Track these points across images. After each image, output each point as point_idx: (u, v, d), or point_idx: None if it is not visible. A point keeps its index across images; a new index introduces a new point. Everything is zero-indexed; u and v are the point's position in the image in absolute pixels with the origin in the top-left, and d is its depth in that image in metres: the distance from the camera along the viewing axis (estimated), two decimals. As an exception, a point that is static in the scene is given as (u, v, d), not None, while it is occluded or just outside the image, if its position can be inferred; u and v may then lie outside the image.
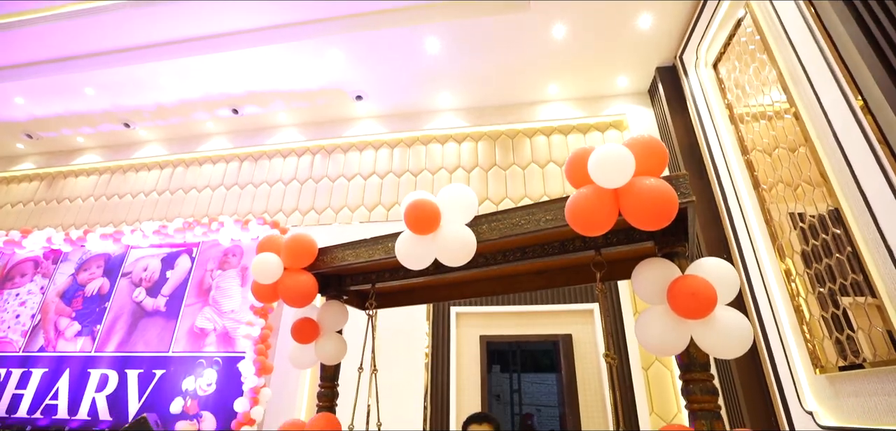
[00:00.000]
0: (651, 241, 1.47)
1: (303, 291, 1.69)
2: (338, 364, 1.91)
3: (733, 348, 1.20)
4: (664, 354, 1.28)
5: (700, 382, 1.26)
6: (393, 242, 1.57)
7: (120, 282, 5.51)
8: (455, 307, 4.93)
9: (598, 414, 4.40)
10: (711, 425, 1.21)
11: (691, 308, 1.17)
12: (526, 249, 1.63)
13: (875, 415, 2.74)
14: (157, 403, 4.57)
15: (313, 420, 1.75)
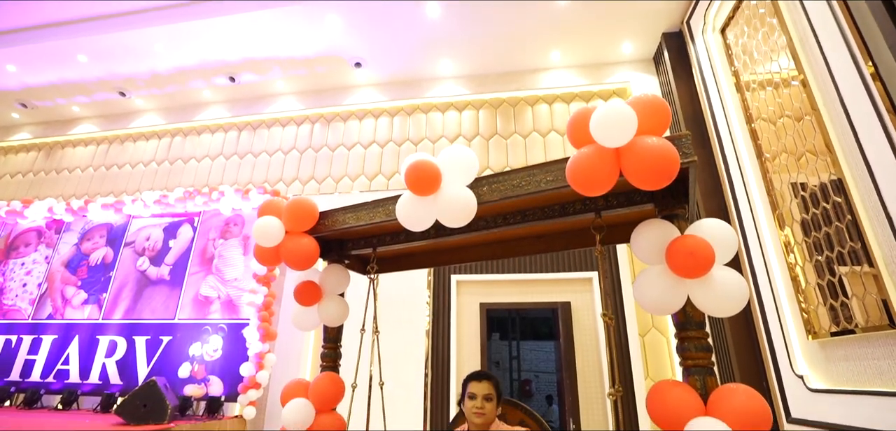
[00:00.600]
0: (651, 204, 1.47)
1: (304, 254, 1.71)
2: (340, 326, 1.95)
3: (729, 307, 1.22)
4: (661, 313, 1.31)
5: (695, 340, 1.29)
6: (393, 205, 1.57)
7: (123, 252, 5.56)
8: (455, 275, 4.98)
9: (595, 380, 4.52)
10: (704, 380, 1.24)
11: (689, 267, 1.18)
12: (526, 212, 1.64)
13: (863, 378, 2.81)
14: (166, 368, 4.69)
15: (317, 379, 1.80)
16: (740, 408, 1.12)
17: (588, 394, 4.46)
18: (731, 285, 1.20)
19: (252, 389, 4.25)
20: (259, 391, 4.31)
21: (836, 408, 2.96)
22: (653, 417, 1.22)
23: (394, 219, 1.58)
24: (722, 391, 1.18)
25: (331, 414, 1.76)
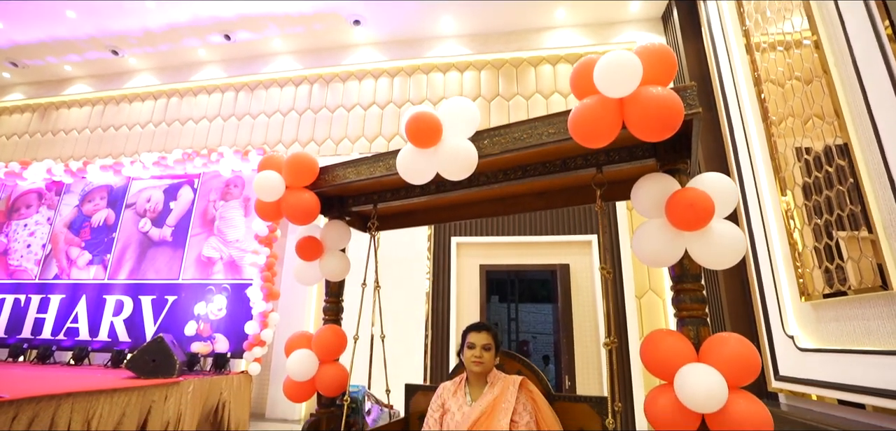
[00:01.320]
0: (653, 159, 1.46)
1: (305, 209, 1.71)
2: (342, 281, 1.98)
3: (726, 259, 1.23)
4: (659, 265, 1.32)
5: (690, 292, 1.31)
6: (394, 159, 1.56)
7: (125, 214, 5.58)
8: (455, 237, 5.02)
9: (591, 341, 4.63)
10: (697, 330, 1.27)
11: (688, 219, 1.18)
12: (527, 167, 1.63)
13: (852, 338, 2.88)
14: (172, 326, 4.81)
15: (320, 331, 1.84)
16: (731, 355, 1.15)
17: (584, 354, 4.58)
18: (729, 237, 1.21)
19: (257, 346, 4.36)
20: (264, 348, 4.43)
21: (824, 367, 3.05)
22: (646, 364, 1.26)
23: (394, 174, 1.57)
24: (714, 339, 1.21)
25: (334, 365, 1.81)
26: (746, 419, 1.10)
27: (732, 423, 1.11)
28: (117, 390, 3.06)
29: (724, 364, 1.14)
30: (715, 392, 1.10)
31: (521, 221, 4.94)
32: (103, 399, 2.95)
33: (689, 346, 1.22)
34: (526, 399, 1.53)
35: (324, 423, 1.79)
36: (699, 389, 1.11)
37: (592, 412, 1.68)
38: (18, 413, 2.45)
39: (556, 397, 1.72)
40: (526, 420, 1.48)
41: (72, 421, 2.72)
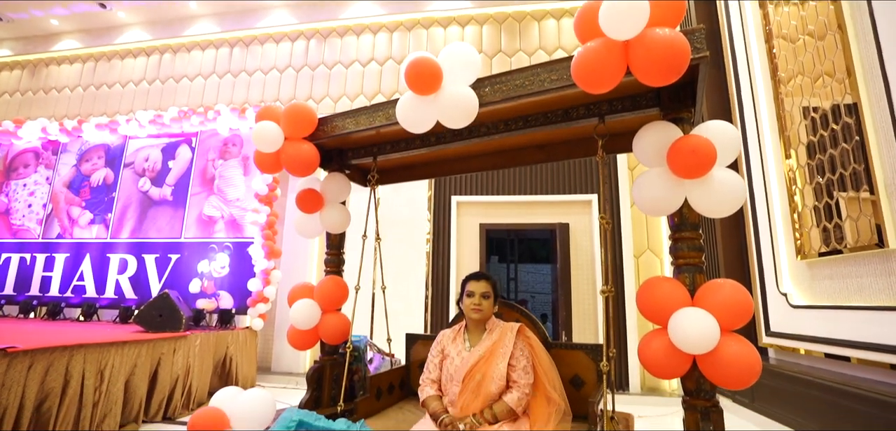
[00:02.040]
0: (656, 108, 1.44)
1: (304, 160, 1.71)
2: (342, 233, 2.00)
3: (725, 207, 1.24)
4: (658, 213, 1.33)
5: (688, 240, 1.32)
6: (393, 108, 1.53)
7: (124, 173, 5.56)
8: (456, 196, 5.02)
9: (589, 300, 4.72)
10: (693, 277, 1.29)
11: (690, 165, 1.18)
12: (528, 118, 1.60)
13: (844, 295, 2.93)
14: (176, 284, 4.89)
15: (322, 282, 1.88)
16: (725, 300, 1.18)
17: (581, 312, 4.69)
18: (729, 184, 1.21)
19: (260, 303, 4.46)
20: (267, 305, 4.52)
21: (814, 323, 3.13)
22: (641, 309, 1.29)
23: (394, 123, 1.55)
24: (709, 285, 1.23)
25: (336, 314, 1.86)
26: (736, 359, 1.14)
27: (722, 364, 1.15)
28: (127, 342, 3.15)
29: (717, 308, 1.17)
30: (707, 334, 1.13)
31: (521, 180, 4.93)
32: (114, 351, 3.04)
33: (685, 292, 1.24)
34: (523, 344, 1.57)
35: (327, 370, 1.85)
36: (692, 331, 1.14)
37: (588, 358, 1.74)
38: (33, 363, 2.53)
39: (552, 345, 1.77)
40: (523, 364, 1.53)
41: (85, 371, 2.81)
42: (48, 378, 2.61)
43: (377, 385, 1.84)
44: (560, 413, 1.47)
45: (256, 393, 1.56)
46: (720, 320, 1.16)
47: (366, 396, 1.77)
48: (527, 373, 1.52)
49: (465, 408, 1.48)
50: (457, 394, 1.51)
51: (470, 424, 1.42)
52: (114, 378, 3.00)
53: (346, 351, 1.74)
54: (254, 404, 1.51)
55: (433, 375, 1.63)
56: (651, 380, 4.49)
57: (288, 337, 1.82)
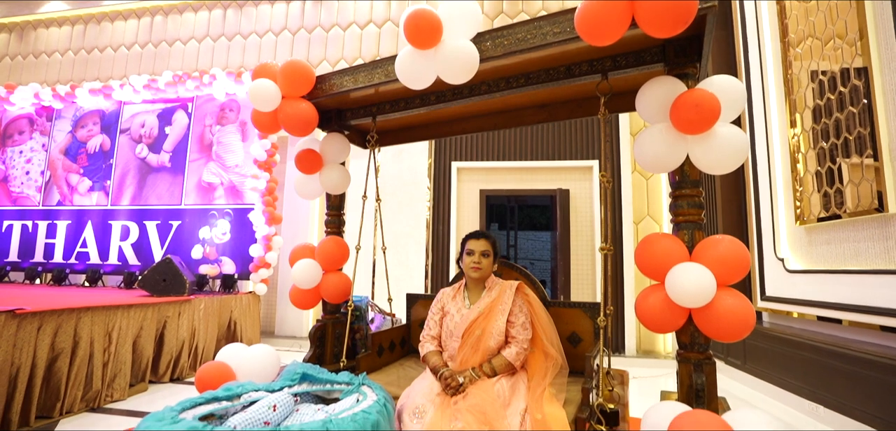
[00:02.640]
0: (661, 64, 1.41)
1: (303, 119, 1.68)
2: (342, 195, 2.00)
3: (728, 163, 1.23)
4: (659, 170, 1.32)
5: (689, 197, 1.32)
6: (393, 64, 1.50)
7: (120, 139, 5.51)
8: (456, 162, 5.00)
9: (587, 266, 4.77)
10: (692, 234, 1.30)
11: (693, 120, 1.16)
12: (530, 75, 1.57)
13: (841, 259, 2.96)
14: (179, 250, 4.93)
15: (323, 242, 1.89)
16: (722, 255, 1.19)
17: (579, 277, 4.74)
18: (732, 139, 1.20)
19: (263, 268, 4.51)
20: (269, 270, 4.57)
21: (809, 287, 3.18)
22: (639, 264, 1.30)
23: (393, 80, 1.52)
24: (707, 241, 1.24)
25: (337, 274, 1.88)
26: (730, 312, 1.16)
27: (717, 317, 1.17)
28: (133, 305, 3.21)
29: (715, 262, 1.18)
30: (704, 287, 1.15)
31: (521, 146, 4.89)
32: (121, 314, 3.10)
33: (683, 248, 1.25)
34: (522, 301, 1.60)
35: (329, 328, 1.89)
36: (689, 285, 1.15)
37: (585, 316, 1.77)
38: (43, 324, 2.59)
39: (550, 303, 1.80)
40: (521, 321, 1.56)
41: (93, 333, 2.88)
42: (57, 339, 2.67)
43: (379, 343, 1.89)
44: (557, 367, 1.52)
45: (261, 348, 1.60)
46: (717, 274, 1.17)
47: (367, 353, 1.82)
48: (525, 329, 1.55)
49: (464, 363, 1.52)
50: (456, 349, 1.55)
51: (469, 377, 1.46)
52: (121, 339, 3.07)
53: (348, 310, 1.77)
54: (259, 358, 1.55)
55: (433, 332, 1.67)
56: (646, 343, 4.60)
57: (290, 296, 1.85)
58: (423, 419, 1.33)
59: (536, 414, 1.33)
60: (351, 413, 1.11)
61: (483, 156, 4.95)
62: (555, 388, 1.44)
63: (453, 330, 1.59)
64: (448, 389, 1.42)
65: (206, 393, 1.22)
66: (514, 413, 1.34)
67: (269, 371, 1.54)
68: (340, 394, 1.35)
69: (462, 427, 1.27)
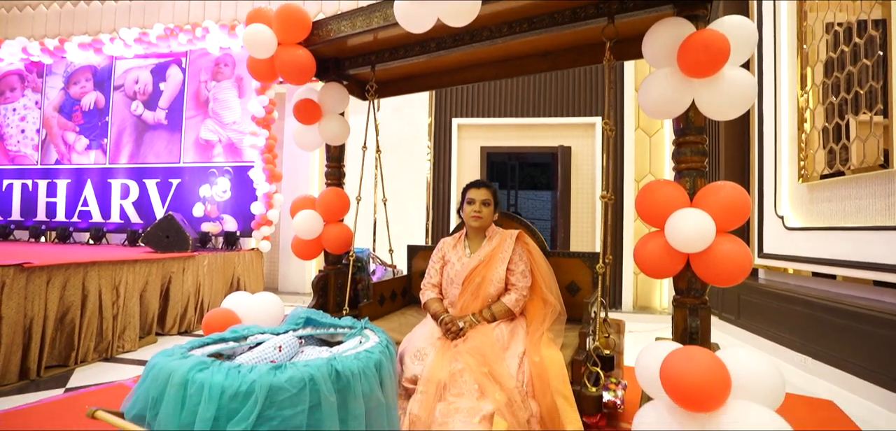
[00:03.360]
0: (670, 5, 1.36)
1: (299, 66, 1.64)
2: (342, 146, 1.98)
3: (734, 108, 1.21)
4: (664, 116, 1.30)
5: (692, 144, 1.30)
6: (391, 8, 1.45)
7: (114, 96, 5.40)
8: (457, 118, 4.92)
9: (587, 226, 4.79)
10: (694, 181, 1.29)
11: (701, 62, 1.13)
12: (533, 20, 1.52)
13: (841, 216, 2.97)
14: (180, 208, 4.94)
15: (323, 193, 1.89)
16: (723, 201, 1.19)
17: (579, 234, 4.77)
18: (739, 83, 1.17)
19: (264, 226, 4.53)
20: (271, 227, 4.61)
21: (807, 244, 3.20)
22: (640, 211, 1.31)
23: (393, 24, 1.47)
24: (709, 187, 1.24)
25: (338, 225, 1.89)
26: (728, 257, 1.17)
27: (714, 262, 1.18)
28: (139, 261, 3.25)
29: (715, 208, 1.18)
30: (703, 232, 1.15)
31: (523, 102, 4.80)
32: (126, 269, 3.14)
33: (684, 194, 1.25)
34: (522, 250, 1.62)
35: (332, 278, 1.92)
36: (688, 230, 1.16)
37: (584, 265, 1.80)
38: (51, 278, 2.63)
39: (550, 253, 1.82)
40: (521, 268, 1.59)
41: (101, 287, 2.93)
42: (66, 292, 2.73)
43: (380, 292, 1.92)
44: (555, 314, 1.55)
45: (266, 296, 1.64)
46: (717, 220, 1.18)
47: (369, 302, 1.86)
48: (524, 277, 1.58)
49: (464, 309, 1.56)
50: (457, 296, 1.58)
51: (469, 322, 1.50)
52: (129, 294, 3.13)
53: (349, 261, 1.79)
54: (263, 305, 1.58)
55: (434, 280, 1.70)
56: (643, 298, 4.69)
57: (292, 246, 1.87)
58: (425, 361, 1.38)
59: (534, 357, 1.37)
60: (354, 352, 1.15)
61: (484, 113, 4.87)
62: (552, 333, 1.48)
63: (454, 277, 1.62)
64: (448, 334, 1.46)
65: (213, 335, 1.26)
66: (513, 356, 1.38)
67: (273, 317, 1.58)
68: (343, 337, 1.38)
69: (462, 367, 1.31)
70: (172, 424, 0.90)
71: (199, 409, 0.89)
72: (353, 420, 1.05)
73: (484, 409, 1.22)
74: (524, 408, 1.27)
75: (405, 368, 1.41)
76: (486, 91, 4.89)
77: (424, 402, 1.26)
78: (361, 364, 1.09)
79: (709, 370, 0.95)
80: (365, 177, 1.86)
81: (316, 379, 0.98)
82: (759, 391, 0.98)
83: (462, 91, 4.93)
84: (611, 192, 1.47)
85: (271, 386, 0.92)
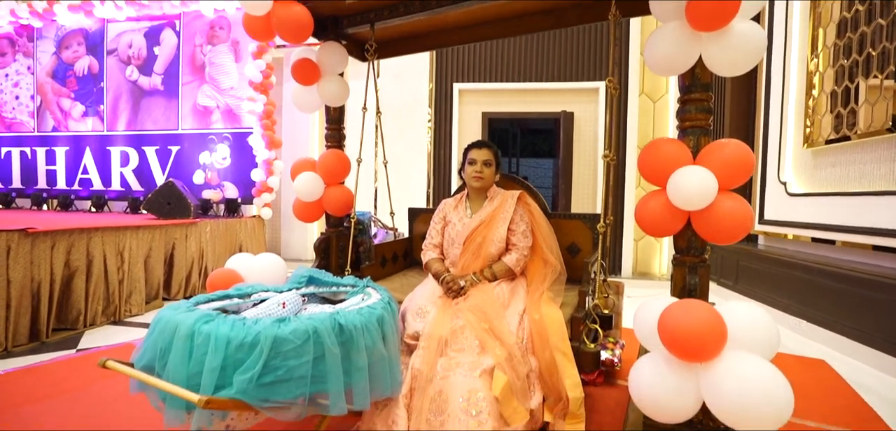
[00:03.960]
0: (681, -44, 1.30)
1: (297, 22, 1.59)
2: (342, 107, 1.95)
3: (742, 63, 1.17)
4: (670, 73, 1.27)
5: (697, 102, 1.28)
6: (389, -42, 1.39)
7: (108, 61, 5.29)
8: (458, 83, 4.83)
9: (589, 193, 4.77)
10: (698, 139, 1.28)
11: (710, 13, 1.09)
12: (538, -28, 1.46)
13: (845, 182, 2.96)
14: (180, 175, 4.93)
15: (324, 155, 1.88)
16: (727, 158, 1.18)
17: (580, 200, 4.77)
18: (748, 36, 1.14)
19: (265, 193, 4.53)
20: (271, 194, 4.61)
21: (809, 209, 3.20)
22: (642, 170, 1.30)
23: (391, -24, 1.42)
24: (713, 145, 1.22)
25: (339, 187, 1.89)
26: (729, 215, 1.17)
27: (715, 219, 1.18)
28: (142, 227, 3.27)
29: (718, 165, 1.17)
30: (705, 190, 1.15)
31: (526, 66, 4.69)
32: (129, 234, 3.17)
33: (687, 152, 1.24)
34: (523, 210, 1.62)
35: (333, 240, 1.93)
36: (690, 187, 1.15)
37: (585, 226, 1.80)
38: (55, 243, 2.66)
39: (551, 214, 1.82)
40: (522, 229, 1.59)
41: (106, 252, 2.96)
42: (72, 257, 2.76)
43: (382, 254, 1.94)
44: (556, 273, 1.57)
45: (269, 256, 1.65)
46: (720, 177, 1.17)
47: (371, 264, 1.87)
48: (525, 237, 1.59)
49: (465, 269, 1.57)
50: (458, 256, 1.60)
51: (470, 281, 1.51)
52: (133, 259, 3.16)
53: (351, 223, 1.80)
54: (266, 266, 1.60)
55: (435, 240, 1.71)
56: (642, 265, 4.74)
57: (293, 208, 1.87)
58: (426, 318, 1.40)
59: (534, 315, 1.39)
60: (357, 308, 1.17)
61: (486, 78, 4.77)
62: (552, 293, 1.50)
63: (455, 237, 1.63)
64: (450, 292, 1.48)
65: (218, 292, 1.28)
66: (513, 314, 1.40)
67: (276, 277, 1.60)
68: (346, 295, 1.41)
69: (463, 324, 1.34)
70: (181, 373, 0.93)
71: (207, 359, 0.91)
72: (357, 372, 1.08)
73: (484, 363, 1.25)
74: (524, 363, 1.30)
75: (407, 325, 1.43)
76: (488, 55, 4.78)
77: (426, 357, 1.29)
78: (364, 319, 1.12)
79: (705, 320, 0.96)
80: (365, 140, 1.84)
81: (319, 332, 1.00)
82: (753, 341, 1.00)
83: (463, 55, 4.82)
84: (613, 153, 1.45)
85: (276, 338, 0.94)
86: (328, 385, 1.01)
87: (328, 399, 1.01)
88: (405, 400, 1.25)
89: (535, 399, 1.30)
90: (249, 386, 0.89)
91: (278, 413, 0.97)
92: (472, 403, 1.18)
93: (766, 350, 1.00)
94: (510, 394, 1.23)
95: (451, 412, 1.18)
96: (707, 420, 1.16)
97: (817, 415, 1.69)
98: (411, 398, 1.26)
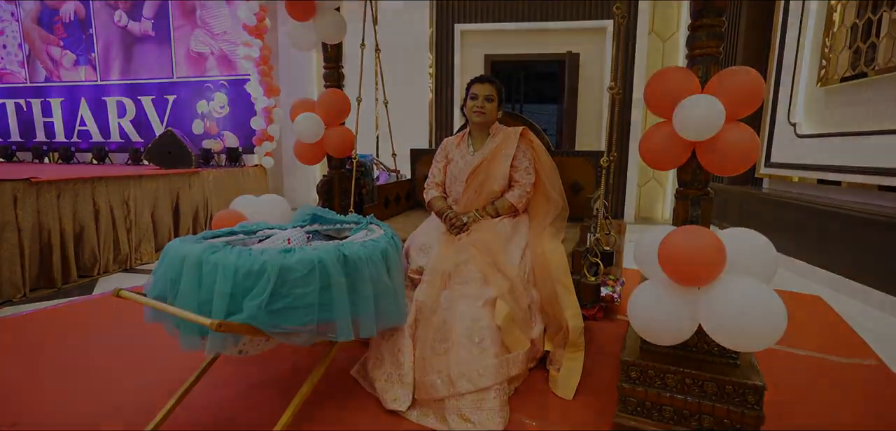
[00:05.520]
0: None
1: (288, -51, 1.51)
2: (339, 45, 1.88)
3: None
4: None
5: (709, 28, 1.22)
6: None
7: (95, 5, 5.08)
8: (459, 24, 4.63)
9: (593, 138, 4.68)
10: (707, 67, 1.23)
11: (729, -76, 1.02)
12: None
13: (856, 121, 2.88)
14: (178, 124, 4.87)
15: (323, 95, 1.84)
16: (736, 86, 1.14)
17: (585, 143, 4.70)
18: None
19: (266, 141, 4.49)
20: (272, 143, 4.56)
21: (817, 151, 3.14)
22: (648, 100, 1.26)
23: None
24: (722, 74, 1.18)
25: (339, 128, 1.86)
26: (735, 146, 1.15)
27: (720, 150, 1.16)
28: (145, 176, 3.28)
29: (727, 93, 1.14)
30: (712, 119, 1.12)
31: (530, 5, 4.47)
32: (133, 184, 3.18)
33: (695, 81, 1.20)
34: (526, 147, 1.60)
35: (336, 182, 1.93)
36: (697, 116, 1.12)
37: (588, 164, 1.79)
38: (61, 193, 2.67)
39: (554, 152, 1.80)
40: (524, 165, 1.58)
41: (111, 202, 2.98)
42: (79, 209, 2.78)
43: (385, 195, 1.94)
44: (558, 210, 1.57)
45: (272, 197, 1.66)
46: (728, 106, 1.13)
47: (374, 204, 1.88)
48: (528, 174, 1.58)
49: (468, 206, 1.58)
50: (460, 193, 1.60)
51: (473, 217, 1.52)
52: (139, 209, 3.19)
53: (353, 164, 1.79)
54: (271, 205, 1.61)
55: (437, 178, 1.70)
56: (644, 210, 4.74)
57: (294, 151, 1.86)
58: (429, 254, 1.42)
59: (536, 249, 1.41)
60: (361, 242, 1.18)
61: (489, 17, 4.57)
62: (555, 229, 1.51)
63: (457, 175, 1.62)
64: (453, 229, 1.49)
65: (224, 229, 1.29)
66: (516, 248, 1.42)
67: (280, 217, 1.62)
68: (350, 232, 1.42)
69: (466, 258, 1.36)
70: (192, 301, 0.96)
71: (216, 286, 0.94)
72: (363, 301, 1.11)
73: (487, 294, 1.29)
74: (525, 294, 1.34)
75: (411, 260, 1.46)
76: (491, -9, 4.54)
77: (430, 290, 1.32)
78: (368, 252, 1.13)
79: (705, 244, 0.97)
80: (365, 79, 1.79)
81: (325, 262, 1.02)
82: (752, 265, 1.02)
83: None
84: (619, 86, 1.41)
85: (282, 267, 0.96)
86: (335, 313, 1.04)
87: (336, 327, 1.05)
88: (410, 330, 1.29)
89: (537, 329, 1.34)
90: (259, 312, 0.93)
91: (288, 339, 1.01)
92: (474, 331, 1.22)
93: (764, 273, 1.02)
94: (512, 323, 1.27)
95: (454, 340, 1.22)
96: (701, 343, 1.21)
97: (811, 345, 1.75)
98: (416, 328, 1.30)
